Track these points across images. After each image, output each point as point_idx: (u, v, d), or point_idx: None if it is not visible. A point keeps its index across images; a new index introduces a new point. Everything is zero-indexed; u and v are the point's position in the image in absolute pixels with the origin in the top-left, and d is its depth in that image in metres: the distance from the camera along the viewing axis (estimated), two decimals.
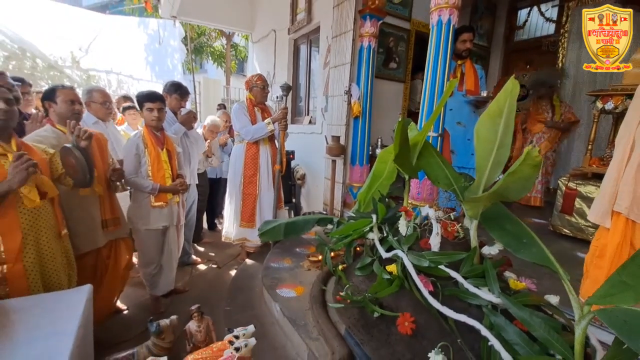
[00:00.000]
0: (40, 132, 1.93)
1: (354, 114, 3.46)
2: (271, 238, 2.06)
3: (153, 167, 2.33)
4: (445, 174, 1.44)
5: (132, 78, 6.31)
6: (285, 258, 2.66)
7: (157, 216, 2.39)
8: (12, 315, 1.15)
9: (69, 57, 5.52)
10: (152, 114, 2.33)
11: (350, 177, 3.65)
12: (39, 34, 5.27)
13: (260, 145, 3.14)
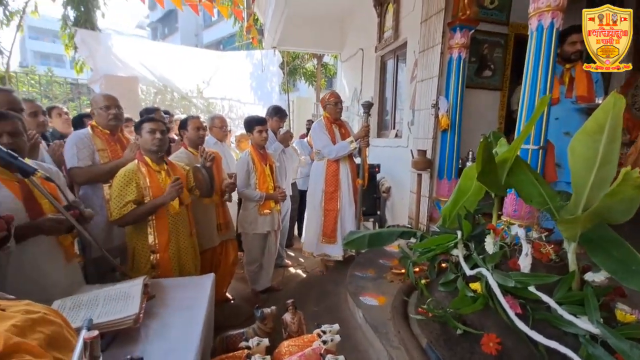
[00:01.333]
0: (178, 154, 2.51)
1: (441, 127, 3.40)
2: (355, 247, 2.21)
3: (259, 181, 2.75)
4: (539, 191, 1.37)
5: (240, 102, 7.34)
6: (369, 268, 2.77)
7: (263, 222, 2.80)
8: (165, 290, 1.56)
9: (195, 89, 6.79)
10: (261, 135, 2.75)
11: (437, 191, 3.56)
12: (174, 72, 6.63)
13: (340, 162, 3.27)
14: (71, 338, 0.84)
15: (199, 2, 5.03)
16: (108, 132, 2.28)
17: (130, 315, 1.21)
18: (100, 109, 2.26)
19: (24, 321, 0.73)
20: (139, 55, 6.29)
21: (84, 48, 5.97)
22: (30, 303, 0.83)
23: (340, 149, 3.18)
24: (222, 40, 20.39)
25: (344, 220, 3.28)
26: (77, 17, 8.25)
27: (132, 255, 1.91)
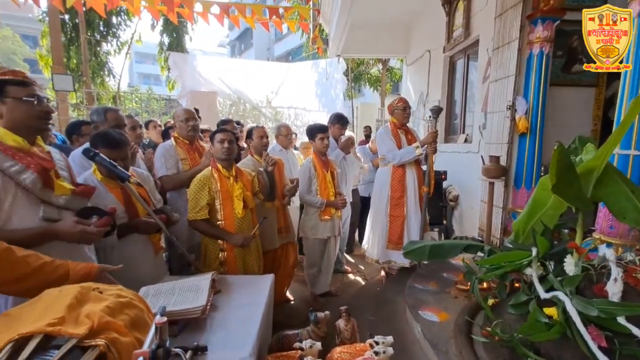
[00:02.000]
0: (245, 161, 2.72)
1: (519, 130, 3.07)
2: (414, 258, 2.12)
3: (321, 187, 2.84)
4: (636, 205, 1.16)
5: (305, 110, 7.64)
6: (430, 281, 2.62)
7: (324, 228, 2.87)
8: (229, 286, 1.71)
9: (265, 99, 7.28)
10: (323, 143, 2.84)
11: (513, 201, 3.22)
12: (247, 85, 7.22)
13: (406, 168, 3.19)
14: (149, 322, 0.98)
15: (269, 20, 5.39)
16: (188, 142, 2.58)
17: (199, 306, 1.35)
18: (181, 122, 2.57)
19: (115, 304, 0.88)
20: (217, 72, 7.02)
21: (175, 68, 6.87)
22: (121, 288, 1.00)
23: (405, 154, 3.09)
24: (291, 52, 21.49)
25: (410, 227, 3.19)
26: (170, 42, 9.55)
27: (204, 252, 2.14)
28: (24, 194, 1.20)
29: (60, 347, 0.70)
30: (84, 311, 0.82)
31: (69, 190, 1.31)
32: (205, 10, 5.13)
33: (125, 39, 8.78)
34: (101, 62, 8.38)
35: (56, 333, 0.72)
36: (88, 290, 0.90)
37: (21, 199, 1.19)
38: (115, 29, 8.37)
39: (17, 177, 1.17)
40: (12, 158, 1.18)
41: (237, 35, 27.89)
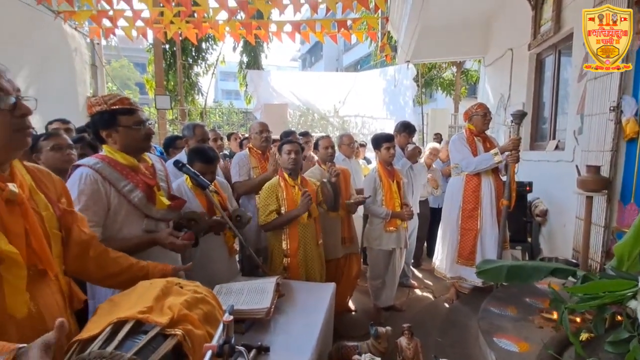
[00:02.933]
0: (313, 170, 2.81)
1: (626, 135, 2.60)
2: (489, 278, 1.93)
3: (386, 197, 2.78)
4: None
5: (372, 118, 7.60)
6: (509, 306, 2.34)
7: (388, 239, 2.81)
8: (292, 291, 1.79)
9: (332, 109, 7.47)
10: (389, 152, 2.79)
11: (619, 219, 2.71)
12: (316, 95, 7.50)
13: (482, 177, 2.94)
14: (220, 318, 1.08)
15: (337, 33, 5.54)
16: (260, 152, 2.80)
17: (264, 308, 1.44)
18: (256, 134, 2.80)
19: (192, 299, 1.00)
20: (288, 85, 7.46)
21: (251, 84, 7.51)
22: (198, 285, 1.12)
23: (482, 161, 2.86)
24: (359, 61, 21.66)
25: (485, 243, 2.92)
26: (248, 61, 10.50)
27: (271, 256, 2.27)
28: (133, 209, 1.44)
29: (147, 333, 0.82)
30: (167, 303, 0.94)
31: (166, 205, 1.55)
32: (279, 30, 5.51)
33: (211, 61, 9.92)
34: (192, 83, 9.61)
35: (145, 320, 0.85)
36: (172, 285, 1.03)
37: (130, 214, 1.44)
38: (204, 53, 9.55)
39: (128, 195, 1.42)
40: (125, 178, 1.43)
41: (308, 49, 29.21)
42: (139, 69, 24.59)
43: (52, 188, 1.03)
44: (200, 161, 1.94)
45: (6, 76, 0.84)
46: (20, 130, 0.85)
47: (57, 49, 5.69)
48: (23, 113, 0.84)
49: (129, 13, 5.03)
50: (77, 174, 1.38)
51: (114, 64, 20.78)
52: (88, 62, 6.67)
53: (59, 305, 0.95)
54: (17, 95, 0.85)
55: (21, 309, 0.83)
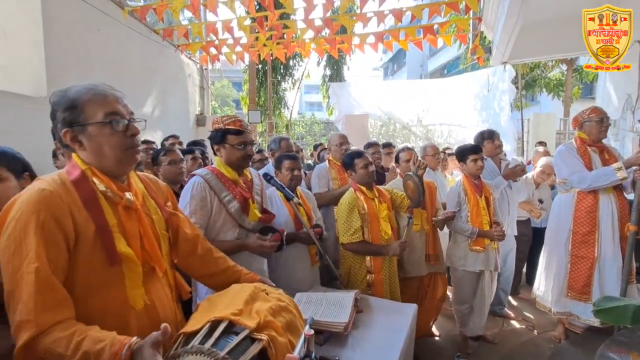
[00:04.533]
0: (395, 181, 2.73)
1: None
2: (611, 320, 1.58)
3: (472, 213, 2.54)
4: None
5: (460, 126, 7.05)
6: (632, 352, 1.87)
7: (474, 259, 2.54)
8: (371, 308, 1.75)
9: (415, 118, 7.18)
10: (476, 165, 2.55)
11: None
12: (397, 105, 7.31)
13: (600, 195, 2.45)
14: (300, 327, 1.11)
15: (423, 39, 5.34)
16: (340, 164, 2.84)
17: (342, 322, 1.44)
18: (336, 146, 2.86)
19: (276, 306, 1.06)
20: (370, 95, 7.46)
21: (334, 96, 7.73)
22: (281, 293, 1.18)
23: (600, 176, 2.41)
24: (446, 66, 20.43)
25: (604, 275, 2.44)
26: (331, 74, 10.88)
27: (348, 272, 2.22)
28: (229, 218, 1.65)
29: (238, 334, 0.90)
30: (255, 307, 1.02)
31: (257, 217, 1.72)
32: (362, 42, 5.57)
33: (297, 76, 10.59)
34: (280, 98, 10.40)
35: (236, 322, 0.93)
36: (259, 290, 1.11)
37: (226, 221, 1.66)
38: (291, 70, 10.28)
39: (227, 205, 1.63)
40: (227, 189, 1.65)
41: (390, 57, 28.83)
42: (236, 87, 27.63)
43: (160, 193, 1.21)
44: (287, 159, 2.15)
45: (122, 102, 1.01)
46: (130, 149, 1.00)
47: (176, 75, 6.80)
48: (133, 133, 0.99)
49: (230, 41, 5.73)
50: (192, 182, 1.64)
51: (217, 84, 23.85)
52: (197, 85, 7.81)
53: (168, 298, 1.10)
54: (130, 118, 1.01)
55: (139, 301, 0.98)
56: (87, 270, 0.91)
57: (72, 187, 0.93)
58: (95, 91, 0.96)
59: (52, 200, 0.87)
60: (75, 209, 0.90)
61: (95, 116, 0.95)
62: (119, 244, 0.95)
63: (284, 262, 2.02)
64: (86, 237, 0.91)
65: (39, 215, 0.84)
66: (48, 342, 0.78)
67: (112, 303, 0.94)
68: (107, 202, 0.97)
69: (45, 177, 0.94)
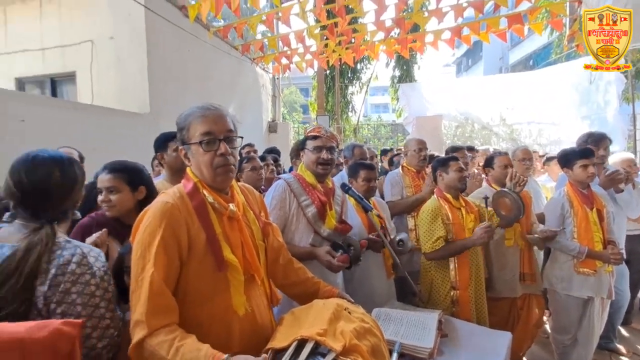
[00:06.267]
0: (481, 190, 2.48)
1: None
2: None
3: (579, 229, 2.17)
4: None
5: (554, 124, 6.17)
6: None
7: (582, 283, 2.16)
8: (457, 333, 1.59)
9: (497, 117, 6.49)
10: (586, 172, 2.17)
11: None
12: (475, 103, 6.70)
13: None
14: (385, 353, 1.05)
15: (508, 29, 4.82)
16: (415, 171, 2.69)
17: (426, 347, 1.33)
18: (413, 152, 2.71)
19: (361, 328, 1.01)
20: (443, 94, 6.98)
21: (403, 98, 7.45)
22: (364, 314, 1.13)
23: None
24: (531, 56, 18.18)
25: None
26: (400, 75, 10.52)
27: (430, 287, 2.07)
28: (305, 223, 1.68)
29: (325, 356, 0.88)
30: (339, 328, 0.99)
31: (333, 225, 1.71)
32: (436, 39, 5.26)
33: (365, 80, 10.49)
34: (347, 102, 10.40)
35: (322, 342, 0.91)
36: (341, 309, 1.08)
37: (302, 225, 1.68)
38: (358, 73, 10.21)
39: (305, 209, 1.66)
40: (307, 194, 1.68)
41: (464, 52, 26.78)
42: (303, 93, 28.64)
43: (255, 203, 1.27)
44: (364, 169, 2.07)
45: (221, 120, 1.05)
46: (220, 167, 1.04)
47: (252, 86, 7.29)
48: (221, 153, 1.03)
49: (301, 49, 5.93)
50: (275, 184, 1.75)
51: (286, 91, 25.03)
52: (270, 94, 8.26)
53: (265, 305, 1.14)
54: (225, 136, 1.04)
55: (241, 308, 1.03)
56: (198, 277, 0.99)
57: (187, 199, 1.03)
58: (198, 113, 1.04)
59: (172, 213, 0.97)
60: (189, 220, 1.00)
61: (194, 136, 1.03)
62: (225, 251, 1.02)
63: (359, 274, 1.96)
64: (198, 245, 0.99)
65: (162, 227, 0.94)
66: (154, 343, 0.86)
67: (219, 309, 1.01)
68: (214, 212, 1.05)
69: (168, 191, 1.06)
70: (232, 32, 5.51)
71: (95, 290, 0.96)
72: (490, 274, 2.26)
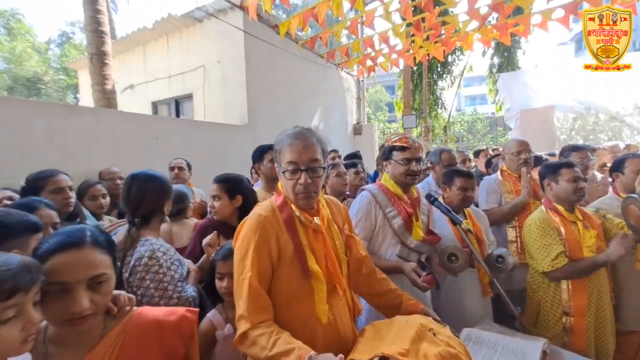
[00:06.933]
0: (605, 200, 2.07)
1: None
2: None
3: None
4: None
5: None
6: None
7: None
8: None
9: (631, 106, 5.23)
10: None
11: None
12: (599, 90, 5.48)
13: None
14: None
15: None
16: (516, 175, 2.39)
17: None
18: (512, 155, 2.42)
19: (446, 353, 0.98)
20: (555, 82, 5.95)
21: (504, 89, 6.63)
22: (451, 337, 1.08)
23: None
24: None
25: None
26: (500, 63, 9.38)
27: (537, 310, 1.82)
28: (392, 234, 1.66)
29: None
30: (422, 349, 0.98)
31: (421, 237, 1.67)
32: (545, 19, 4.53)
33: (456, 72, 9.69)
34: (436, 98, 9.77)
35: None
36: (425, 329, 1.06)
37: (389, 237, 1.67)
38: (449, 67, 9.49)
39: (391, 220, 1.65)
40: (392, 205, 1.67)
41: None
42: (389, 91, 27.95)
43: (339, 216, 1.34)
44: (461, 176, 1.91)
45: (309, 149, 1.12)
46: (299, 194, 1.12)
47: (336, 91, 7.49)
48: (301, 183, 1.10)
49: (385, 50, 5.83)
50: (360, 195, 1.77)
51: (371, 90, 24.81)
52: (354, 97, 8.34)
53: (347, 316, 1.21)
54: (308, 167, 1.10)
55: (324, 316, 1.12)
56: (286, 282, 1.11)
57: (278, 212, 1.16)
58: (287, 141, 1.14)
59: (265, 225, 1.11)
60: (279, 231, 1.13)
61: (282, 162, 1.15)
62: (310, 261, 1.12)
63: (449, 289, 1.85)
64: (287, 254, 1.11)
65: (256, 236, 1.09)
66: (255, 334, 1.00)
67: (303, 313, 1.11)
68: (301, 225, 1.16)
69: (262, 203, 1.22)
70: (317, 42, 5.76)
71: (163, 277, 1.28)
72: (617, 300, 1.87)
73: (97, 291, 0.81)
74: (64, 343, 0.83)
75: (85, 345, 0.84)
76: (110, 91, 4.47)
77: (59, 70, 13.30)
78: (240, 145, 4.50)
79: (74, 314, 0.77)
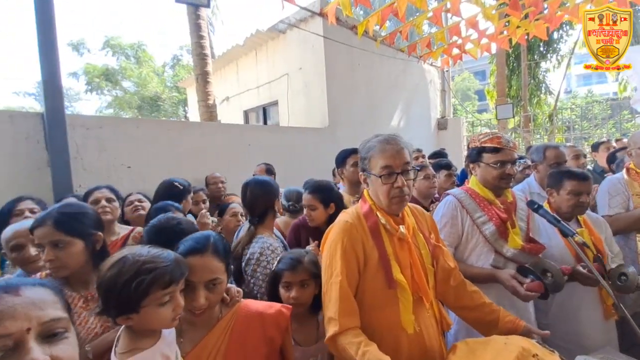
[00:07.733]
0: None
1: None
2: None
3: None
4: None
5: None
6: None
7: None
8: None
9: None
10: None
11: None
12: None
13: None
14: None
15: None
16: None
17: None
18: (638, 149, 2.00)
19: None
20: None
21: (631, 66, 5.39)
22: None
23: None
24: None
25: None
26: None
27: None
28: (483, 241, 1.52)
29: None
30: None
31: (519, 245, 1.49)
32: None
33: (564, 51, 8.26)
34: (538, 82, 8.48)
35: None
36: (528, 355, 0.96)
37: (480, 245, 1.53)
38: (555, 45, 8.12)
39: (481, 226, 1.52)
40: (482, 210, 1.54)
41: None
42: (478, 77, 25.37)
43: (425, 225, 1.30)
44: (573, 179, 1.62)
45: (401, 153, 1.13)
46: (395, 197, 1.13)
47: (418, 85, 7.15)
48: (398, 186, 1.11)
49: (474, 36, 5.33)
50: (445, 200, 1.67)
51: (456, 79, 22.87)
52: (438, 89, 7.82)
53: (434, 328, 1.18)
54: (402, 170, 1.11)
55: (409, 326, 1.11)
56: (372, 289, 1.13)
57: (363, 219, 1.19)
58: (379, 147, 1.16)
59: (351, 232, 1.15)
60: (365, 239, 1.15)
61: (374, 168, 1.16)
62: (395, 271, 1.12)
63: (561, 306, 1.62)
64: (372, 261, 1.14)
65: (343, 242, 1.13)
66: (344, 342, 1.03)
67: (388, 320, 1.12)
68: (386, 233, 1.17)
69: (348, 210, 1.27)
70: (397, 36, 5.58)
71: (269, 271, 1.45)
72: None
73: (212, 291, 1.00)
74: (192, 323, 1.03)
75: (207, 325, 1.04)
76: (212, 105, 5.14)
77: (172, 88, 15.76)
78: (322, 147, 4.68)
79: (194, 307, 0.97)
